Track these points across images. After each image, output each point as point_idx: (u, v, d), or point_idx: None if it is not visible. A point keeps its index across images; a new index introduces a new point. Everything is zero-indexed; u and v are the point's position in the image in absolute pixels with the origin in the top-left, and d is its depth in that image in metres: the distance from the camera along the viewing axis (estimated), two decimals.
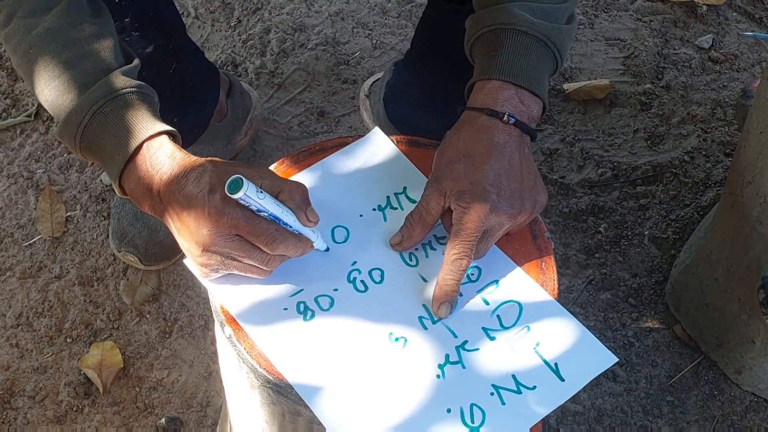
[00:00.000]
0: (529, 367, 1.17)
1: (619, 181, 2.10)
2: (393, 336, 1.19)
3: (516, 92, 1.23)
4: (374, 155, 1.36)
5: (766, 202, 1.61)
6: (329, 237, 1.27)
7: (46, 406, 1.79)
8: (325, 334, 1.19)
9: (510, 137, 1.22)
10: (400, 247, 1.25)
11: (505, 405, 1.14)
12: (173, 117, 1.89)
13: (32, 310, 1.91)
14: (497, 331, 1.20)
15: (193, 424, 1.77)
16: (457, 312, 1.21)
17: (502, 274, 1.25)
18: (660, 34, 2.35)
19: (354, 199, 1.31)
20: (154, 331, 1.88)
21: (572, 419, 1.79)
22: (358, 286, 1.24)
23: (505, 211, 1.19)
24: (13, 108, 2.21)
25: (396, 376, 1.16)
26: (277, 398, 1.19)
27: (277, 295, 1.22)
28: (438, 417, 1.13)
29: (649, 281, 1.96)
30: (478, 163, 1.19)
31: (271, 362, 1.16)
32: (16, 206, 2.06)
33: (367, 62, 2.27)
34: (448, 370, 1.16)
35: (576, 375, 1.17)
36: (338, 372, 1.16)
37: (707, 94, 2.24)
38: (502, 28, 1.24)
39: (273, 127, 2.16)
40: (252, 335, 1.18)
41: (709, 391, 1.83)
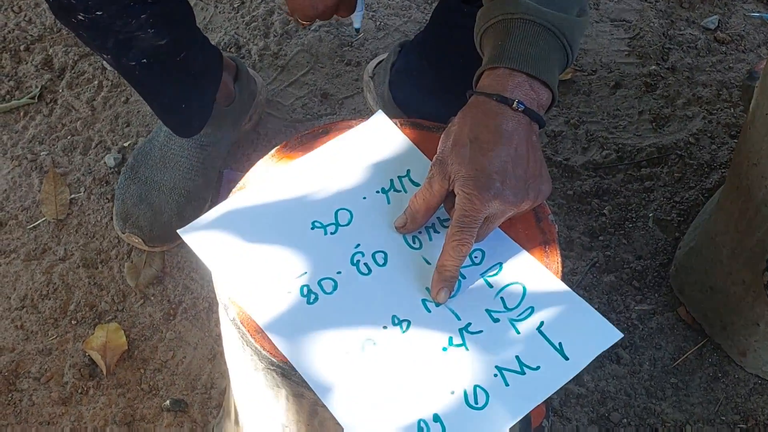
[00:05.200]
0: (532, 348, 1.17)
1: (624, 163, 2.09)
2: (396, 319, 1.19)
3: (526, 79, 1.22)
4: (377, 138, 1.36)
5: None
6: (333, 218, 1.27)
7: (51, 388, 1.79)
8: (330, 318, 1.18)
9: (519, 124, 1.21)
10: (404, 229, 1.25)
11: (509, 386, 1.14)
12: (181, 103, 1.90)
13: (37, 292, 1.91)
14: (501, 313, 1.20)
15: (197, 405, 1.77)
16: (461, 295, 1.21)
17: (506, 256, 1.25)
18: (666, 15, 2.34)
19: (357, 182, 1.31)
20: (159, 313, 1.88)
21: (575, 401, 1.79)
22: (362, 268, 1.23)
23: (509, 199, 1.19)
24: (17, 90, 2.20)
25: (399, 358, 1.16)
26: (282, 381, 1.19)
27: (280, 278, 1.22)
28: (441, 399, 1.13)
29: (654, 264, 1.96)
30: (485, 150, 1.19)
31: (276, 346, 1.16)
32: (21, 189, 2.06)
33: (371, 44, 2.27)
34: (451, 353, 1.16)
35: (580, 353, 1.16)
36: (342, 356, 1.15)
37: (713, 75, 2.23)
38: (510, 18, 1.23)
39: (276, 110, 2.16)
40: (256, 319, 1.18)
41: (713, 374, 1.83)
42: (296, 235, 1.26)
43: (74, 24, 1.59)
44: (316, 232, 1.27)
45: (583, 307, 1.21)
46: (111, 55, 1.68)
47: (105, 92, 2.18)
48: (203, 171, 1.97)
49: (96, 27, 1.59)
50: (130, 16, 1.59)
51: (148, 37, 1.64)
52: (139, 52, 1.68)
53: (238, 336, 1.21)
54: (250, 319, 1.19)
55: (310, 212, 1.28)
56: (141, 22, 1.61)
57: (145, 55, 1.69)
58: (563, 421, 1.77)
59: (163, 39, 1.67)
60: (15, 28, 2.31)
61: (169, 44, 1.69)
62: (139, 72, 1.74)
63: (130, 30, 1.62)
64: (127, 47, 1.65)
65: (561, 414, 1.78)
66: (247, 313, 1.19)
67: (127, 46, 1.65)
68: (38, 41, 2.28)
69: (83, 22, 1.57)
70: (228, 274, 1.22)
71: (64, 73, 2.23)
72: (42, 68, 2.23)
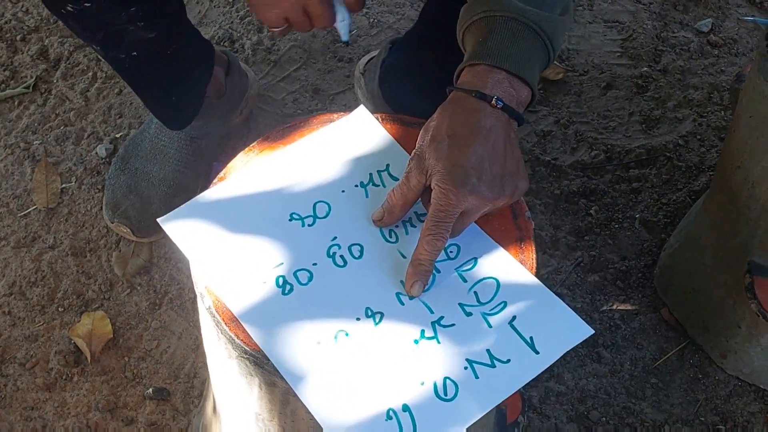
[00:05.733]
0: (503, 342, 1.18)
1: (612, 164, 2.10)
2: (369, 311, 1.20)
3: (505, 77, 1.23)
4: (358, 132, 1.37)
5: (755, 187, 1.62)
6: (311, 211, 1.29)
7: (36, 374, 1.81)
8: (304, 309, 1.20)
9: (497, 121, 1.22)
10: (381, 223, 1.26)
11: (479, 379, 1.15)
12: (171, 96, 1.92)
13: (25, 279, 1.93)
14: (474, 307, 1.21)
15: (179, 394, 1.79)
16: (435, 288, 1.22)
17: (481, 252, 1.26)
18: (659, 17, 2.35)
19: (337, 175, 1.33)
20: (145, 302, 1.90)
21: (555, 399, 1.80)
22: (338, 261, 1.25)
23: (484, 195, 1.20)
24: (12, 80, 2.22)
25: (371, 350, 1.17)
26: (254, 369, 1.20)
27: (256, 268, 1.23)
28: (411, 390, 1.14)
29: (638, 264, 1.97)
30: (462, 145, 1.20)
31: (250, 335, 1.17)
32: (13, 177, 2.08)
33: (363, 40, 2.28)
34: (422, 345, 1.18)
35: (551, 347, 1.18)
36: (314, 346, 1.17)
37: (704, 78, 2.24)
38: (492, 15, 1.25)
39: (268, 104, 2.17)
40: (231, 307, 1.20)
41: (694, 375, 1.84)
42: (274, 227, 1.28)
43: (64, 15, 1.60)
44: (293, 224, 1.28)
45: (555, 302, 1.22)
46: (101, 46, 1.69)
47: (99, 83, 2.20)
48: (193, 163, 1.98)
49: (85, 18, 1.60)
50: (119, 8, 1.60)
51: (137, 30, 1.66)
52: (129, 45, 1.69)
53: (213, 324, 1.23)
54: (225, 308, 1.20)
55: (289, 204, 1.30)
56: (130, 14, 1.62)
57: (135, 48, 1.70)
58: (542, 418, 1.78)
59: (152, 32, 1.69)
60: (12, 18, 2.32)
61: (158, 37, 1.71)
62: (129, 64, 1.75)
63: (119, 22, 1.63)
64: (116, 40, 1.66)
65: (540, 411, 1.79)
66: (222, 301, 1.20)
67: (116, 39, 1.66)
68: (34, 32, 2.30)
69: (72, 13, 1.58)
70: (205, 263, 1.24)
71: (59, 63, 2.24)
72: (37, 58, 2.25)
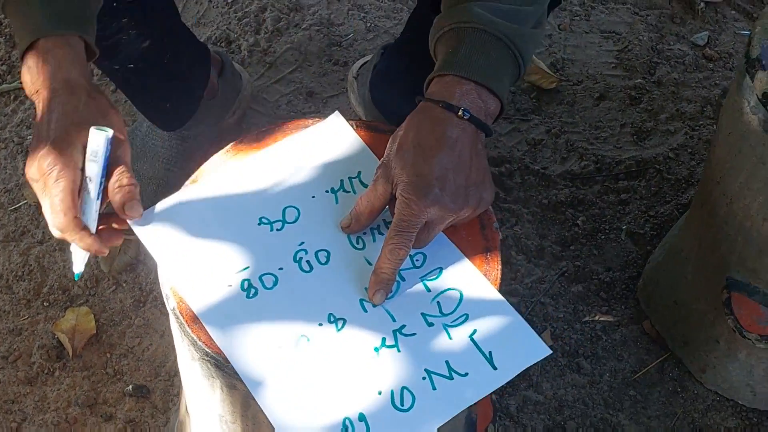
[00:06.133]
0: (463, 354, 1.19)
1: (602, 175, 2.11)
2: (332, 317, 1.21)
3: (473, 88, 1.24)
4: (332, 138, 1.38)
5: (732, 203, 1.62)
6: (280, 215, 1.29)
7: (18, 367, 1.83)
8: (267, 313, 1.21)
9: (463, 132, 1.23)
10: (349, 230, 1.27)
11: (436, 390, 1.16)
12: (165, 102, 1.93)
13: (12, 273, 1.95)
14: (436, 318, 1.21)
15: (159, 392, 1.80)
16: (398, 297, 1.23)
17: (447, 262, 1.26)
18: (656, 29, 2.35)
19: (308, 181, 1.33)
20: (129, 299, 1.91)
21: (533, 408, 1.81)
22: (304, 266, 1.25)
23: (448, 206, 1.20)
24: (9, 74, 2.25)
25: (331, 357, 1.18)
26: (216, 371, 1.21)
27: (222, 271, 1.24)
28: (368, 399, 1.15)
29: (623, 276, 1.97)
30: (427, 156, 1.21)
31: (211, 337, 1.19)
32: (5, 171, 2.10)
33: (359, 45, 2.29)
34: (383, 353, 1.18)
35: (509, 364, 1.18)
36: (274, 351, 1.18)
37: (698, 91, 2.24)
38: (462, 27, 1.25)
39: (261, 105, 2.19)
40: (194, 309, 1.21)
41: (673, 388, 1.84)
42: (242, 230, 1.28)
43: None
44: (262, 228, 1.29)
45: (517, 320, 1.22)
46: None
47: (95, 80, 2.22)
48: (182, 162, 1.99)
49: None
50: (110, 19, 1.61)
51: (130, 40, 1.67)
52: (125, 58, 1.71)
53: (177, 326, 1.24)
54: (189, 310, 1.21)
55: (259, 208, 1.31)
56: (121, 25, 1.64)
57: (131, 60, 1.71)
58: (518, 427, 1.79)
59: (145, 41, 1.70)
60: None
61: (152, 47, 1.72)
62: (123, 74, 1.77)
63: (111, 33, 1.64)
64: (110, 52, 1.67)
65: (517, 420, 1.79)
66: (186, 303, 1.21)
67: (110, 51, 1.67)
68: None
69: None
70: (171, 264, 1.25)
71: None
72: None
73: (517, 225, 2.02)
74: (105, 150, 1.20)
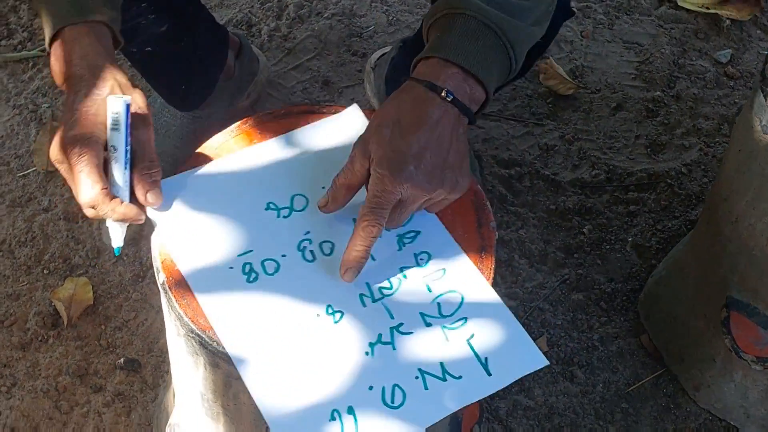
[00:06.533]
0: (458, 357, 1.17)
1: (612, 185, 2.09)
2: (330, 309, 1.20)
3: (459, 72, 1.22)
4: (348, 130, 1.36)
5: (737, 222, 1.61)
6: (288, 202, 1.29)
7: (12, 332, 1.84)
8: (265, 299, 1.20)
9: (445, 114, 1.21)
10: (326, 209, 1.25)
11: (428, 390, 1.15)
12: (181, 85, 1.93)
13: (15, 238, 1.96)
14: (435, 318, 1.20)
15: (150, 367, 1.80)
16: (399, 294, 1.22)
17: (451, 263, 1.25)
18: (679, 43, 2.33)
19: (320, 171, 1.31)
20: (129, 273, 1.92)
21: (522, 413, 1.80)
22: (307, 255, 1.25)
23: (421, 184, 1.19)
24: (29, 41, 2.26)
25: (325, 348, 1.17)
26: (200, 349, 1.21)
27: (225, 254, 1.24)
28: (358, 393, 1.14)
29: (625, 288, 1.96)
30: (405, 133, 1.19)
31: (208, 317, 1.18)
32: (17, 136, 2.11)
33: (379, 37, 2.28)
34: (377, 349, 1.17)
35: (504, 371, 1.17)
36: (269, 338, 1.17)
37: (716, 108, 2.22)
38: (453, 13, 1.24)
39: (277, 91, 2.19)
40: (194, 289, 1.20)
41: (666, 404, 1.83)
42: (249, 214, 1.28)
43: None
44: (269, 214, 1.28)
45: (516, 328, 1.21)
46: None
47: None
48: (193, 141, 1.99)
49: None
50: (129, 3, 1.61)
51: (148, 25, 1.67)
52: (143, 41, 1.71)
53: (165, 300, 1.24)
54: (177, 285, 1.21)
55: (268, 193, 1.30)
56: (141, 9, 1.64)
57: (148, 44, 1.71)
58: (506, 431, 1.78)
59: (164, 25, 1.70)
60: None
61: (170, 30, 1.72)
62: (140, 57, 1.77)
63: (130, 17, 1.63)
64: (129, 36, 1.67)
65: (505, 424, 1.78)
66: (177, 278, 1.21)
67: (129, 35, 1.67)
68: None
69: None
70: (175, 239, 1.25)
71: None
72: None
73: (522, 229, 2.01)
74: (125, 116, 1.19)
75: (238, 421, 1.30)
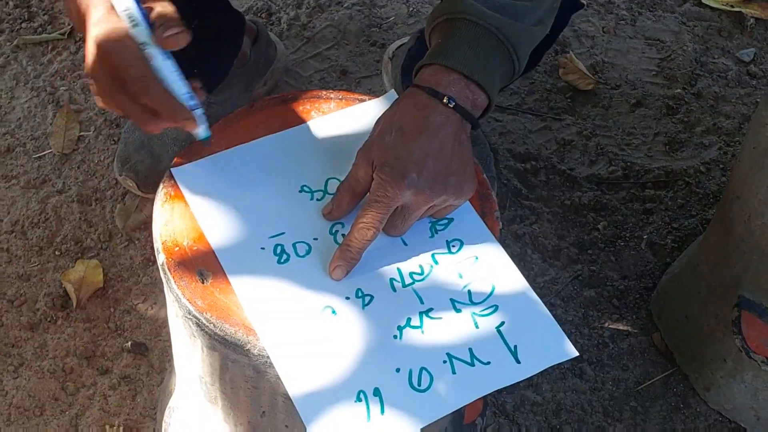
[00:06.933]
0: (487, 344, 1.16)
1: (629, 182, 2.07)
2: (360, 292, 1.20)
3: (461, 78, 1.22)
4: None
5: (750, 220, 1.59)
6: (322, 186, 1.29)
7: (22, 312, 1.84)
8: (295, 280, 1.20)
9: (447, 120, 1.21)
10: (331, 216, 1.25)
11: (456, 374, 1.14)
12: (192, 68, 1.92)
13: (29, 219, 1.97)
14: (465, 305, 1.19)
15: (157, 351, 1.80)
16: (430, 280, 1.21)
17: (484, 251, 1.24)
18: (702, 41, 2.30)
19: (354, 155, 1.29)
20: (140, 257, 1.92)
21: (530, 408, 1.78)
22: (338, 239, 1.24)
23: (423, 191, 1.19)
24: (50, 25, 2.26)
25: (353, 330, 1.16)
26: (197, 331, 1.21)
27: (257, 234, 1.24)
28: (385, 375, 1.13)
29: (638, 285, 1.94)
30: (407, 140, 1.19)
31: (238, 297, 1.17)
32: (34, 119, 2.12)
33: (399, 28, 2.27)
34: (406, 333, 1.17)
35: (533, 360, 1.16)
36: (298, 318, 1.17)
37: (738, 107, 2.20)
38: (454, 18, 1.24)
39: (294, 79, 2.18)
40: (225, 269, 1.20)
41: (675, 404, 1.81)
42: (283, 196, 1.28)
43: None
44: (303, 196, 1.28)
45: (546, 317, 1.20)
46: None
47: None
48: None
49: None
50: None
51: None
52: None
53: (164, 281, 1.24)
54: (177, 266, 1.21)
55: (302, 176, 1.30)
56: None
57: None
58: (512, 426, 1.76)
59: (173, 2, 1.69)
60: None
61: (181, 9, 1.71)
62: None
63: None
64: None
65: (512, 418, 1.77)
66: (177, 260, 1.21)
67: None
68: None
69: None
70: (208, 218, 1.24)
71: None
72: None
73: (536, 223, 2.00)
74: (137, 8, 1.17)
75: (235, 404, 1.30)
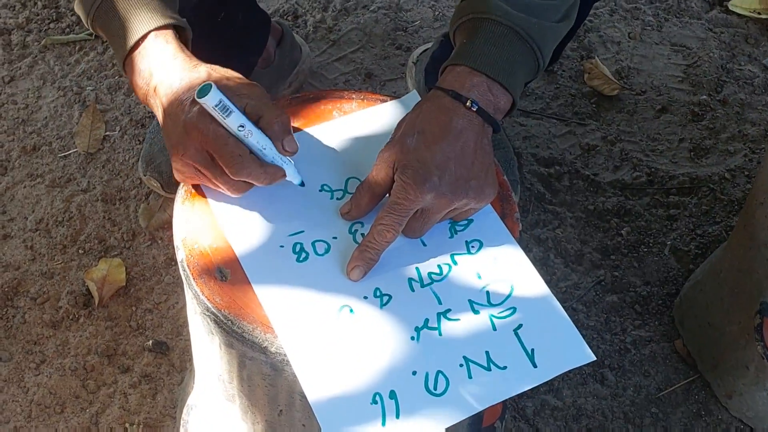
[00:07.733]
0: (504, 347, 1.16)
1: (653, 188, 2.06)
2: (378, 292, 1.19)
3: (485, 81, 1.22)
4: None
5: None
6: (343, 185, 1.29)
7: (44, 310, 1.86)
8: (314, 279, 1.20)
9: (470, 123, 1.21)
10: (349, 216, 1.25)
11: (472, 379, 1.13)
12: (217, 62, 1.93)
13: (53, 218, 1.98)
14: (483, 307, 1.19)
15: (178, 350, 1.81)
16: (448, 280, 1.21)
17: (503, 253, 1.24)
18: (728, 48, 2.29)
19: (375, 156, 1.28)
20: (162, 256, 1.93)
21: (550, 413, 1.77)
22: (357, 238, 1.24)
23: (445, 195, 1.18)
24: (77, 25, 2.28)
25: (371, 331, 1.16)
26: (215, 328, 1.21)
27: (277, 232, 1.24)
28: (401, 378, 1.13)
29: (661, 292, 1.92)
30: (429, 142, 1.19)
31: (256, 294, 1.18)
32: (60, 118, 2.13)
33: (425, 32, 2.28)
34: (423, 334, 1.16)
35: (550, 364, 1.15)
36: (316, 316, 1.17)
37: (764, 114, 2.18)
38: (479, 18, 1.24)
39: (319, 81, 2.19)
40: (243, 265, 1.20)
41: (696, 411, 1.79)
42: (303, 194, 1.28)
43: None
44: (322, 195, 1.28)
45: (564, 321, 1.19)
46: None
47: None
48: None
49: None
50: None
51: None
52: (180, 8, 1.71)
53: (184, 278, 1.24)
54: (196, 263, 1.21)
55: (322, 175, 1.30)
56: None
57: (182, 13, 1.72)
58: (533, 430, 1.75)
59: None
60: None
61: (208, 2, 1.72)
62: None
63: None
64: None
65: (532, 423, 1.76)
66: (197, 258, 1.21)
67: None
68: None
69: None
70: (227, 218, 1.25)
71: None
72: None
73: (559, 228, 1.99)
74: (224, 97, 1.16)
75: (253, 403, 1.30)
